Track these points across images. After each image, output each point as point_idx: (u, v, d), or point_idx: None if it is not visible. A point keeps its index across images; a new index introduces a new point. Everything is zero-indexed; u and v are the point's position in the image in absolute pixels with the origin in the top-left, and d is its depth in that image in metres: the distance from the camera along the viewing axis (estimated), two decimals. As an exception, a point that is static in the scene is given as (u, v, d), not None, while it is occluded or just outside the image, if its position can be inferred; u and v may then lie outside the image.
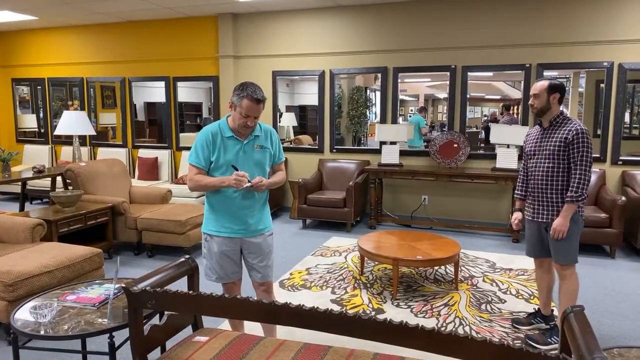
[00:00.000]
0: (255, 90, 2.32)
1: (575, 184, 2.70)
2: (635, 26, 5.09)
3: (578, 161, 2.71)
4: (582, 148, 2.70)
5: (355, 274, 4.17)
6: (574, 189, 2.70)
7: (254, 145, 2.44)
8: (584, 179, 2.70)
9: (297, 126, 6.97)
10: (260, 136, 2.47)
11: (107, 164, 5.23)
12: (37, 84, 7.95)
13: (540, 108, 2.83)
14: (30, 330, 1.99)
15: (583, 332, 1.41)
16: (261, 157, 2.47)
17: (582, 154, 2.70)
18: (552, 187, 2.83)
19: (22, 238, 3.56)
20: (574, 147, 2.71)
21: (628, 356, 1.67)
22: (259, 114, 2.36)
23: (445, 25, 5.73)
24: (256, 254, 2.51)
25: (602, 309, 3.47)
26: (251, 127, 2.37)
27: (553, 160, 2.80)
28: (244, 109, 2.31)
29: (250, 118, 2.33)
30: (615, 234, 4.59)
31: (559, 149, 2.77)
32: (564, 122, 2.80)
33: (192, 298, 1.68)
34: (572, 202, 2.71)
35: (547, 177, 2.84)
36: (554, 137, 2.80)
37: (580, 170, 2.70)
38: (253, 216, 2.47)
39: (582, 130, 2.71)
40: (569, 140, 2.72)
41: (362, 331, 1.47)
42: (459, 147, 5.70)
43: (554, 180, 2.81)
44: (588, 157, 2.70)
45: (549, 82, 2.82)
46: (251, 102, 2.30)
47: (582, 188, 2.69)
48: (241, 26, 6.59)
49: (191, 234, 4.54)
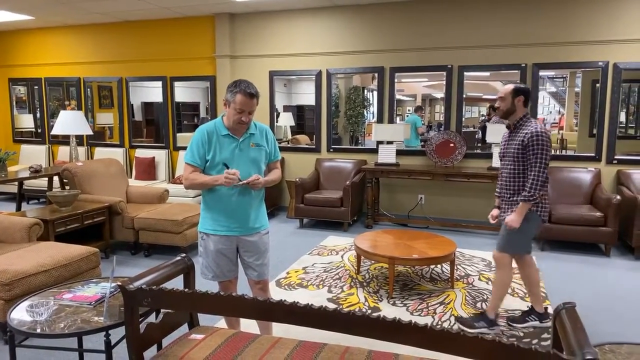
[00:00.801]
0: (248, 85, 2.34)
1: (529, 185, 2.82)
2: (631, 26, 5.13)
3: (533, 163, 2.82)
4: (536, 150, 2.80)
5: (352, 273, 4.19)
6: (527, 189, 2.82)
7: (249, 143, 2.46)
8: (538, 181, 2.80)
9: (294, 126, 6.98)
10: (255, 134, 2.49)
11: (104, 163, 5.23)
12: (34, 83, 7.94)
13: (505, 110, 2.95)
14: (27, 328, 2.00)
15: (574, 328, 1.43)
16: (257, 155, 2.48)
17: (537, 156, 2.80)
18: (512, 188, 2.95)
19: (19, 237, 3.56)
20: (529, 149, 2.82)
21: (619, 352, 1.69)
22: (253, 108, 2.37)
23: (442, 25, 5.75)
24: (252, 252, 2.52)
25: (596, 307, 3.50)
26: (246, 122, 2.38)
27: (514, 163, 2.92)
28: (238, 104, 2.32)
29: (245, 113, 2.35)
30: (610, 233, 4.62)
31: (517, 151, 2.88)
32: (525, 124, 2.90)
33: (188, 296, 1.69)
34: (524, 201, 2.83)
35: (508, 178, 2.96)
36: (515, 139, 2.92)
37: (534, 172, 2.81)
38: (249, 214, 2.48)
39: (537, 132, 2.80)
40: (525, 142, 2.83)
41: (356, 328, 1.48)
42: (455, 146, 5.72)
43: (514, 182, 2.94)
44: (543, 159, 2.80)
45: (514, 85, 2.94)
46: (244, 96, 2.32)
47: (535, 189, 2.80)
48: (238, 26, 6.60)
49: (188, 234, 4.55)
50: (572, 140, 5.71)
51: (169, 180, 7.00)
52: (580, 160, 5.48)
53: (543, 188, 2.82)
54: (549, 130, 2.89)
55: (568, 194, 5.24)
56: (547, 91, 5.71)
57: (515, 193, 2.94)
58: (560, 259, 4.65)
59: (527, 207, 2.86)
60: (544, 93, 5.67)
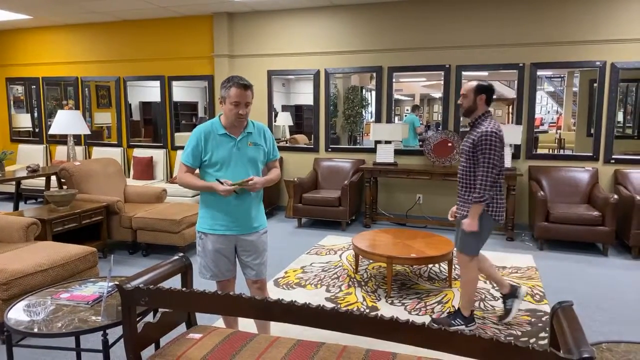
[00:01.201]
0: (240, 78, 2.36)
1: (478, 186, 2.80)
2: (628, 26, 5.14)
3: (481, 163, 2.79)
4: (485, 150, 2.76)
5: (350, 273, 4.19)
6: (477, 190, 2.80)
7: (247, 142, 2.46)
8: (486, 181, 2.77)
9: (292, 126, 6.98)
10: (253, 133, 2.49)
11: (102, 163, 5.22)
12: (31, 83, 7.92)
13: (467, 108, 2.92)
14: (24, 328, 2.00)
15: (571, 326, 1.43)
16: (255, 154, 2.48)
17: (485, 156, 2.77)
18: (465, 185, 2.94)
19: (16, 237, 3.55)
20: (479, 149, 2.79)
21: (617, 351, 1.69)
22: (248, 100, 2.37)
23: (440, 25, 5.75)
24: (250, 251, 2.52)
25: (594, 306, 3.50)
26: (243, 115, 2.37)
27: (467, 160, 2.90)
28: (233, 97, 2.33)
29: (241, 106, 2.34)
30: (607, 232, 4.63)
31: (469, 150, 2.87)
32: (481, 123, 2.87)
33: (186, 295, 1.69)
34: (475, 203, 2.81)
35: (462, 176, 2.96)
36: (469, 137, 2.91)
37: (482, 173, 2.78)
38: (247, 214, 2.48)
39: (488, 132, 2.76)
40: (476, 142, 2.81)
41: (353, 327, 1.48)
42: (453, 146, 5.72)
43: (466, 179, 2.92)
44: (491, 160, 2.76)
45: (477, 83, 2.91)
46: (238, 88, 2.33)
47: (484, 189, 2.77)
48: (236, 25, 6.59)
49: (186, 233, 4.55)
50: (570, 139, 5.73)
51: (167, 180, 6.99)
52: (577, 159, 5.49)
53: (493, 188, 2.80)
54: (501, 130, 2.89)
55: (566, 194, 5.25)
56: (545, 91, 5.73)
57: (467, 191, 2.92)
58: (558, 258, 4.66)
59: (479, 209, 2.83)
60: (542, 93, 5.68)
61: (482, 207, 2.83)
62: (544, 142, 5.77)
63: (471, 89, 2.89)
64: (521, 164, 5.62)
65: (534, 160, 5.61)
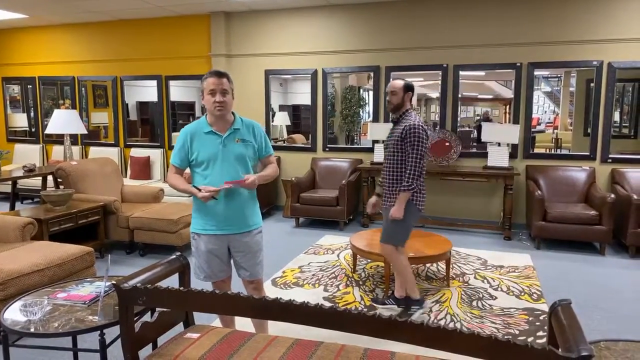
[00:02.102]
0: (214, 68, 2.39)
1: (407, 175, 3.01)
2: (625, 25, 5.15)
3: (410, 154, 3.01)
4: (413, 143, 2.99)
5: (348, 272, 4.19)
6: (406, 180, 3.01)
7: (234, 139, 2.41)
8: (415, 171, 2.99)
9: (290, 125, 6.97)
10: (240, 129, 2.44)
11: (99, 163, 5.21)
12: (27, 83, 7.89)
13: (396, 105, 3.12)
14: (21, 328, 1.98)
15: (570, 325, 1.43)
16: (243, 151, 2.43)
17: (414, 148, 2.99)
18: (392, 177, 3.12)
19: (13, 237, 3.53)
20: (407, 141, 3.01)
21: (615, 349, 1.70)
22: (224, 87, 2.33)
23: (438, 24, 5.75)
24: (244, 252, 2.49)
25: (591, 305, 3.51)
26: (221, 104, 2.32)
27: (394, 153, 3.09)
28: (209, 86, 2.32)
29: (217, 93, 2.32)
30: (604, 231, 4.64)
31: (396, 143, 3.07)
32: (406, 118, 3.08)
33: (183, 294, 1.68)
34: (404, 191, 3.02)
35: (389, 168, 3.14)
36: (396, 131, 3.10)
37: (411, 163, 3.00)
38: (240, 213, 2.45)
39: (414, 126, 2.99)
40: (404, 135, 3.02)
41: (352, 326, 1.48)
42: (450, 145, 5.73)
43: (394, 171, 3.11)
44: (419, 151, 2.99)
45: (404, 81, 3.13)
46: (212, 76, 2.32)
47: (413, 178, 3.00)
48: (234, 25, 6.58)
49: (183, 233, 4.53)
50: (566, 139, 5.74)
51: (164, 180, 6.97)
52: (575, 159, 5.50)
53: (420, 178, 3.02)
54: (427, 125, 3.13)
55: (563, 193, 5.26)
56: (542, 91, 5.73)
57: (396, 183, 3.09)
58: (555, 257, 4.66)
59: (406, 197, 3.03)
60: (539, 93, 5.69)
61: (409, 195, 3.03)
62: (540, 142, 5.79)
63: (400, 87, 3.10)
64: (518, 164, 5.63)
65: (531, 160, 5.62)
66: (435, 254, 3.66)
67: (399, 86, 3.10)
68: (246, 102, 6.56)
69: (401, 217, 3.03)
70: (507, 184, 5.22)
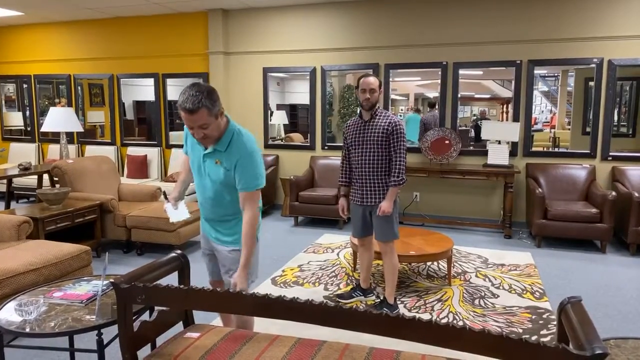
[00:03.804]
0: (186, 98, 1.93)
1: (396, 170, 3.06)
2: (626, 22, 5.13)
3: (397, 149, 3.05)
4: (400, 138, 3.05)
5: (348, 271, 4.15)
6: (396, 174, 3.05)
7: (214, 159, 2.15)
8: (403, 165, 3.06)
9: (288, 125, 6.93)
10: (222, 152, 2.12)
11: (95, 161, 5.15)
12: (23, 81, 7.81)
13: (373, 102, 3.11)
14: (16, 328, 1.94)
15: (581, 322, 1.40)
16: (218, 175, 2.15)
17: (400, 143, 3.05)
18: (376, 173, 3.12)
19: (8, 236, 3.48)
20: (394, 137, 3.05)
21: (625, 347, 1.66)
22: (199, 123, 1.97)
23: (437, 21, 5.72)
24: (222, 262, 2.35)
25: (593, 303, 3.49)
26: (202, 138, 2.05)
27: (378, 149, 3.09)
28: (184, 120, 2.00)
29: (195, 129, 2.00)
30: (605, 229, 4.62)
31: (380, 139, 3.07)
32: (382, 114, 3.12)
33: (183, 292, 1.63)
34: (394, 186, 3.06)
35: (372, 164, 3.12)
36: (375, 128, 3.10)
37: (399, 158, 3.06)
38: (219, 225, 2.30)
39: (398, 122, 3.07)
40: (390, 131, 3.05)
41: (358, 324, 1.44)
42: (450, 143, 5.70)
43: (378, 167, 3.12)
44: (404, 145, 3.08)
45: (378, 79, 3.13)
46: (183, 112, 1.96)
47: (402, 172, 3.06)
48: (231, 22, 6.53)
49: (181, 232, 4.47)
50: (564, 138, 5.71)
51: (161, 178, 6.92)
52: (575, 157, 5.48)
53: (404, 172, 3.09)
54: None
55: (563, 191, 5.24)
56: (539, 90, 5.71)
57: (380, 177, 3.11)
58: (556, 255, 4.64)
59: (396, 191, 3.08)
60: (536, 92, 5.66)
61: (398, 189, 3.08)
62: (538, 141, 5.76)
63: (377, 85, 3.10)
64: (518, 162, 5.61)
65: (531, 158, 5.59)
66: (437, 252, 3.62)
67: (377, 84, 3.10)
68: (244, 100, 6.52)
69: (391, 210, 3.07)
70: (508, 182, 5.20)
